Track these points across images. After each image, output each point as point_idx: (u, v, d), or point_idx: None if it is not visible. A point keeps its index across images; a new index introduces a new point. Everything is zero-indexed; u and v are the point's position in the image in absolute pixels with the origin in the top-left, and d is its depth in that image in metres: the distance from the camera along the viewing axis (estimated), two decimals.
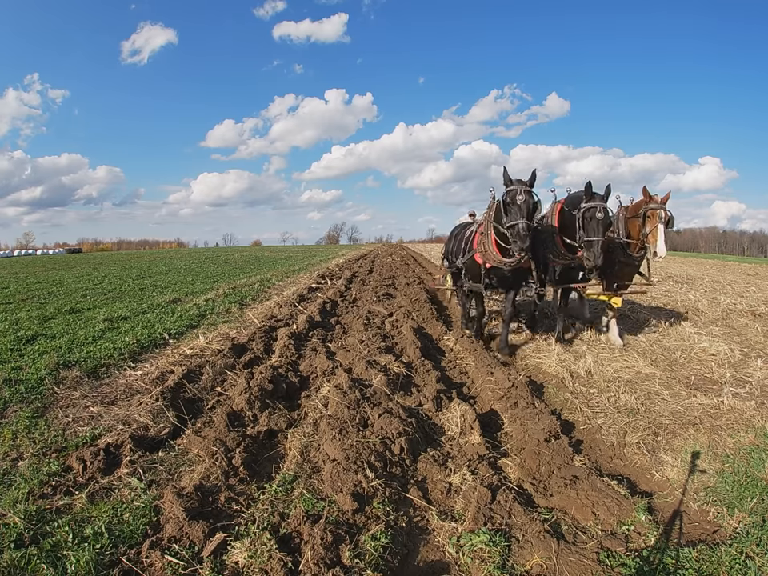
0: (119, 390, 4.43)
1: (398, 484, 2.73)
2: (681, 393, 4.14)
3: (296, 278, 15.77)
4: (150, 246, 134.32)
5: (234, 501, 2.59)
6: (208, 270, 20.84)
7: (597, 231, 4.88)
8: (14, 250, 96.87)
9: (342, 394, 3.76)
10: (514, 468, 3.04)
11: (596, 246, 4.86)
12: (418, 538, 2.36)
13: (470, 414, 3.49)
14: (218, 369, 4.77)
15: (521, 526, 2.30)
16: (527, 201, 4.63)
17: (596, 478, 2.69)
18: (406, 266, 20.44)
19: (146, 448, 3.20)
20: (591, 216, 4.90)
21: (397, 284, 12.75)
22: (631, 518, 2.39)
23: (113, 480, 2.82)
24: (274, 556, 2.04)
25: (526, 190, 4.66)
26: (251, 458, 3.08)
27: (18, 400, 4.07)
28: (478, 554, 2.14)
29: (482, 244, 5.37)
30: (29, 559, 2.08)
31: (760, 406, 3.73)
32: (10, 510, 2.39)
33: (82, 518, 2.41)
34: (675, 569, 2.06)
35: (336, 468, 2.69)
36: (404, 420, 3.32)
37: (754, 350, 5.63)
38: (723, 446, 3.17)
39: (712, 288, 11.88)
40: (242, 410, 3.76)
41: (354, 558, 2.08)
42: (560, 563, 2.08)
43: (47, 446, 3.21)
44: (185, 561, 2.09)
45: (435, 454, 3.08)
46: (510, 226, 4.64)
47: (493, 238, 5.19)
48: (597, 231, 4.88)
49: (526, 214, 4.59)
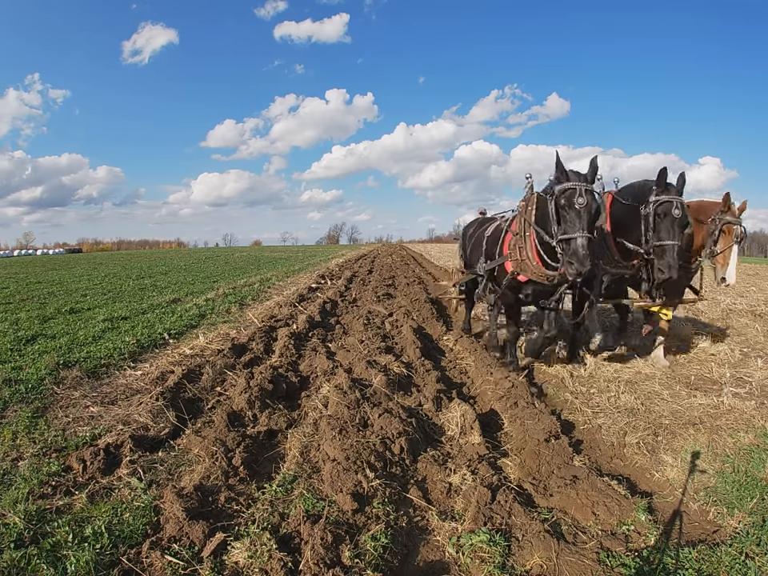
0: (119, 390, 4.43)
1: (397, 484, 2.73)
2: (681, 393, 4.14)
3: (296, 278, 15.76)
4: (150, 246, 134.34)
5: (234, 501, 2.59)
6: (208, 270, 20.83)
7: (673, 233, 3.86)
8: (14, 250, 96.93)
9: (342, 394, 3.76)
10: (514, 468, 3.04)
11: (671, 253, 3.84)
12: (418, 538, 2.36)
13: (470, 413, 3.49)
14: (218, 369, 4.76)
15: (521, 526, 2.30)
16: (589, 205, 3.43)
17: (596, 477, 2.69)
18: (406, 266, 20.44)
19: (146, 448, 3.20)
20: (665, 213, 3.85)
21: (397, 284, 12.75)
22: (631, 517, 2.38)
23: (113, 480, 2.81)
24: (274, 556, 2.04)
25: (588, 190, 3.46)
26: (251, 458, 3.08)
27: (17, 400, 4.06)
28: (478, 554, 2.14)
29: (517, 249, 4.10)
30: (29, 559, 2.08)
31: (760, 406, 3.73)
32: (10, 510, 2.39)
33: (81, 518, 2.41)
34: (675, 569, 2.06)
35: (336, 468, 2.69)
36: (404, 420, 3.32)
37: (754, 350, 5.63)
38: (723, 445, 3.17)
39: (712, 288, 11.85)
40: (242, 409, 3.76)
41: (354, 558, 2.08)
42: (560, 563, 2.08)
43: (47, 446, 3.21)
44: (185, 561, 2.09)
45: (435, 454, 3.08)
46: (563, 239, 3.48)
47: (533, 243, 3.95)
48: (673, 233, 3.86)
49: (587, 225, 3.42)
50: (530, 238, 3.97)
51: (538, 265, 3.95)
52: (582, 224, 3.41)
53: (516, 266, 4.12)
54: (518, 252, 4.08)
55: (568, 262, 3.44)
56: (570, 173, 3.58)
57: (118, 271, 21.05)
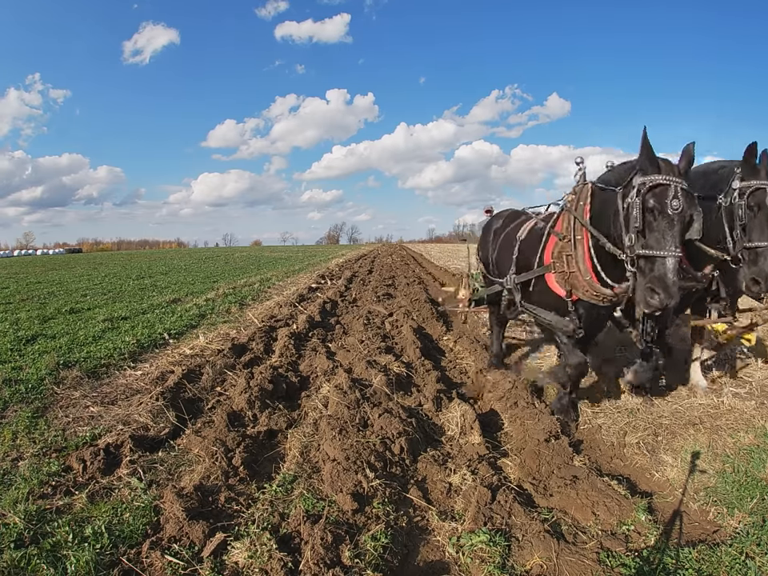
0: (119, 390, 4.44)
1: (398, 484, 2.73)
2: (681, 393, 4.13)
3: (296, 278, 15.76)
4: (150, 246, 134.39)
5: (234, 501, 2.59)
6: (208, 270, 20.84)
7: None
8: (14, 250, 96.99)
9: (342, 394, 3.76)
10: (514, 468, 3.04)
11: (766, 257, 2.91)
12: (418, 538, 2.36)
13: (470, 413, 3.49)
14: (218, 369, 4.77)
15: (521, 526, 2.30)
16: (684, 212, 2.50)
17: (596, 477, 2.69)
18: (406, 266, 20.45)
19: (146, 448, 3.20)
20: (760, 204, 2.91)
21: (397, 284, 12.75)
22: (631, 517, 2.38)
23: (113, 480, 2.82)
24: (274, 556, 2.04)
25: (685, 191, 2.51)
26: (251, 458, 3.08)
27: (18, 400, 4.07)
28: (478, 554, 2.14)
29: (564, 258, 3.11)
30: (29, 559, 2.08)
31: (760, 406, 3.73)
32: (10, 510, 2.39)
33: (81, 518, 2.41)
34: (675, 569, 2.06)
35: (336, 468, 2.69)
36: (404, 420, 3.32)
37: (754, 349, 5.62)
38: (723, 445, 3.17)
39: None
40: (242, 409, 3.76)
41: (354, 558, 2.08)
42: (560, 563, 2.08)
43: (47, 445, 3.21)
44: (185, 561, 2.09)
45: (435, 454, 3.08)
46: (644, 256, 2.52)
47: (586, 249, 3.01)
48: None
49: (679, 239, 2.50)
50: (583, 243, 3.03)
51: (593, 280, 3.00)
52: (675, 238, 2.48)
53: (562, 280, 3.14)
54: (566, 262, 3.11)
55: (649, 288, 2.48)
56: (662, 162, 2.56)
57: (118, 271, 21.06)
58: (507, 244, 4.00)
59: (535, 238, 3.53)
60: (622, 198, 2.65)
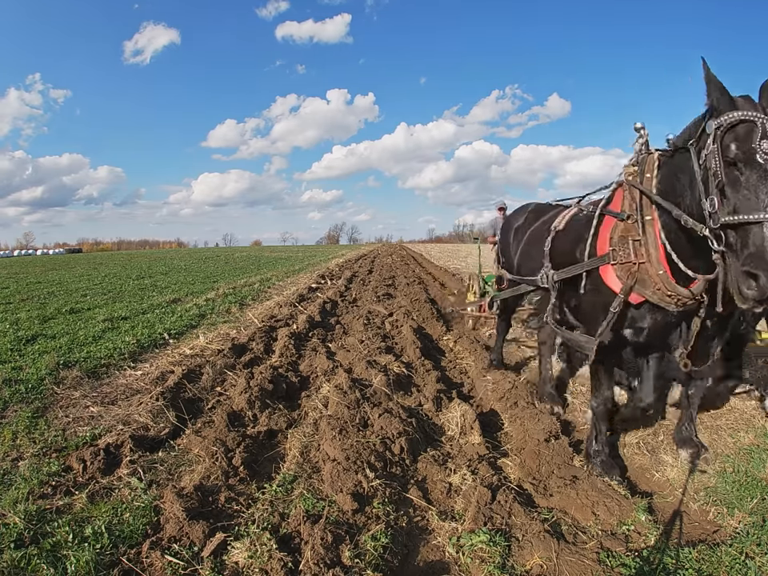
0: (119, 390, 4.43)
1: (398, 484, 2.73)
2: None
3: (296, 278, 15.76)
4: (150, 246, 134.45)
5: (234, 501, 2.59)
6: (208, 270, 20.83)
7: None
8: (14, 250, 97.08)
9: (342, 394, 3.76)
10: (514, 468, 3.04)
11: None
12: (418, 538, 2.36)
13: (469, 413, 3.49)
14: (218, 369, 4.76)
15: (521, 526, 2.30)
16: None
17: (596, 478, 2.69)
18: (406, 266, 20.45)
19: (146, 448, 3.20)
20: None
21: (397, 284, 12.75)
22: (631, 517, 2.38)
23: (113, 480, 2.81)
24: (273, 556, 2.04)
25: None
26: (251, 458, 3.08)
27: (18, 400, 4.06)
28: (477, 554, 2.14)
29: (630, 245, 2.42)
30: (29, 559, 2.07)
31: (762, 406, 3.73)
32: (10, 510, 2.39)
33: (81, 518, 2.41)
34: (675, 569, 2.06)
35: (336, 468, 2.69)
36: (404, 420, 3.32)
37: None
38: (723, 446, 3.17)
39: None
40: (242, 410, 3.76)
41: (354, 558, 2.08)
42: (560, 563, 2.08)
43: (47, 445, 3.21)
44: (185, 561, 2.09)
45: (435, 454, 3.08)
46: (732, 223, 1.84)
47: (657, 235, 2.35)
48: None
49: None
50: (653, 225, 2.36)
51: (667, 274, 2.32)
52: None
53: (626, 274, 2.42)
54: (632, 249, 2.40)
55: (745, 273, 1.81)
56: (739, 98, 1.95)
57: (118, 271, 21.05)
58: (536, 238, 3.42)
59: (581, 224, 2.85)
60: (697, 154, 2.02)
